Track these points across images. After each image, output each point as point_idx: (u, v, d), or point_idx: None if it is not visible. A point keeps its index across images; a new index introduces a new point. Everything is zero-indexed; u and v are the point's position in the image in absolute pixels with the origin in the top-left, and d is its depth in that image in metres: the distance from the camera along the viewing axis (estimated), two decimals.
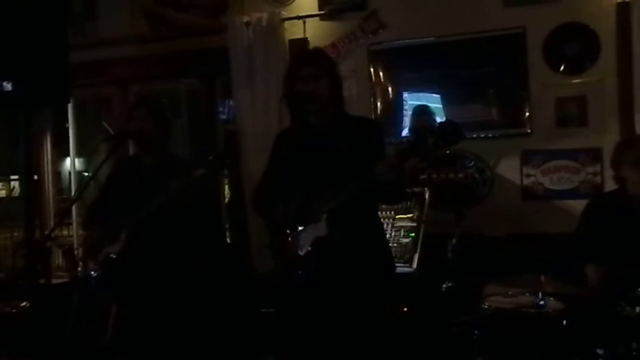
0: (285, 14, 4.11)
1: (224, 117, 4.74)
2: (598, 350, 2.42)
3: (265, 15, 4.08)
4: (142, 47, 4.50)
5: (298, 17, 4.09)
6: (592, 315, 2.57)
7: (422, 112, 4.01)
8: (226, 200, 4.83)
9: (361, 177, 2.30)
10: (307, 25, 4.09)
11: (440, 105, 3.96)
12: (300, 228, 2.43)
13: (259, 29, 4.09)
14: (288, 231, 2.46)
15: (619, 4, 3.56)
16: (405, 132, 4.05)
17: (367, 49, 4.06)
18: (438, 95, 3.97)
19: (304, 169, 2.46)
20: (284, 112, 2.51)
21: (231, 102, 4.40)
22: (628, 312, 2.40)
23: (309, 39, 4.09)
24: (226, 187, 4.83)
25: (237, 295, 3.75)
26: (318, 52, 2.86)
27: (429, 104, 4.00)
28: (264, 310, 3.49)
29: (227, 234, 4.68)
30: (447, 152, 3.69)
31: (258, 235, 4.06)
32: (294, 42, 4.10)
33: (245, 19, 4.12)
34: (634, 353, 2.36)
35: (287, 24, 4.11)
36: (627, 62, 3.54)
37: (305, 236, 2.42)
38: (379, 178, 2.23)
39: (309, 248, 2.40)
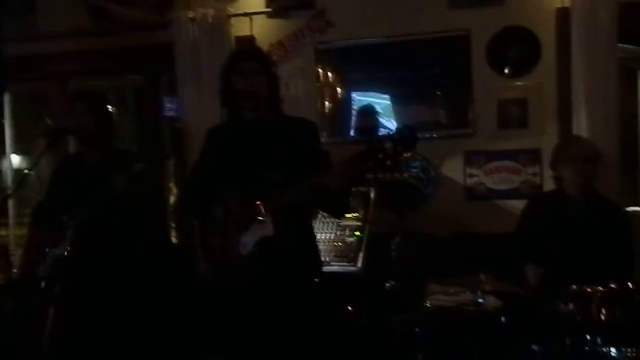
0: (231, 10, 4.05)
1: (170, 114, 4.65)
2: (533, 346, 2.48)
3: (211, 11, 4.02)
4: (83, 41, 4.37)
5: (245, 14, 4.04)
6: (529, 312, 2.64)
7: (367, 112, 4.04)
8: (172, 199, 4.74)
9: (312, 180, 2.28)
10: (254, 22, 4.05)
11: (389, 105, 3.98)
12: (242, 228, 2.39)
13: (205, 25, 4.02)
14: (228, 231, 2.41)
15: (558, 9, 3.67)
16: (352, 132, 4.06)
17: (315, 47, 4.05)
18: (386, 96, 3.99)
19: (238, 167, 2.43)
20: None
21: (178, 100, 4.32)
22: (562, 309, 2.47)
23: (255, 36, 4.06)
24: (172, 185, 4.75)
25: (182, 296, 3.68)
26: (257, 49, 2.86)
27: (376, 104, 4.02)
28: (207, 311, 3.44)
29: (173, 233, 4.60)
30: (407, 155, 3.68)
31: None
32: (241, 40, 4.05)
33: (191, 14, 4.05)
34: (567, 349, 2.43)
35: (233, 20, 4.06)
36: (566, 66, 3.64)
37: (249, 236, 2.38)
38: (332, 183, 2.21)
39: (253, 248, 2.37)
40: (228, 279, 2.47)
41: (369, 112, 4.02)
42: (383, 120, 3.99)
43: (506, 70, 3.80)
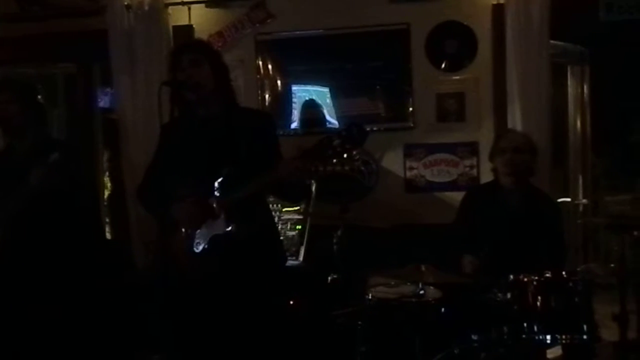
0: None
1: (104, 104, 4.49)
2: (473, 336, 2.53)
3: None
4: (10, 27, 4.14)
5: (183, 3, 3.94)
6: (468, 302, 2.69)
7: (310, 106, 4.02)
8: (106, 193, 4.59)
9: (264, 176, 2.26)
10: (192, 12, 3.95)
11: (329, 98, 3.97)
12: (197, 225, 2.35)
13: (141, 13, 3.88)
14: (183, 227, 2.36)
15: (494, 5, 3.75)
16: (294, 125, 4.03)
17: (255, 39, 3.99)
18: (326, 88, 3.98)
19: (196, 162, 2.37)
20: (164, 101, 2.39)
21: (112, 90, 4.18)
22: (500, 298, 2.53)
23: (194, 26, 3.96)
24: (107, 179, 4.59)
25: (116, 293, 3.56)
26: (198, 40, 2.79)
27: (318, 97, 4.00)
28: (145, 308, 3.34)
29: (107, 229, 4.45)
30: (355, 152, 3.69)
31: (140, 230, 3.89)
32: (178, 29, 3.95)
33: (126, 1, 3.90)
34: (505, 337, 2.49)
35: (171, 9, 3.95)
36: (501, 61, 3.73)
37: (202, 233, 2.34)
38: (283, 178, 2.22)
39: (206, 245, 2.33)
40: (182, 276, 2.39)
41: (311, 106, 4.01)
42: (326, 113, 3.98)
43: (444, 65, 3.86)
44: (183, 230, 2.36)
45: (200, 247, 2.33)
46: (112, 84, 4.09)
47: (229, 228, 2.31)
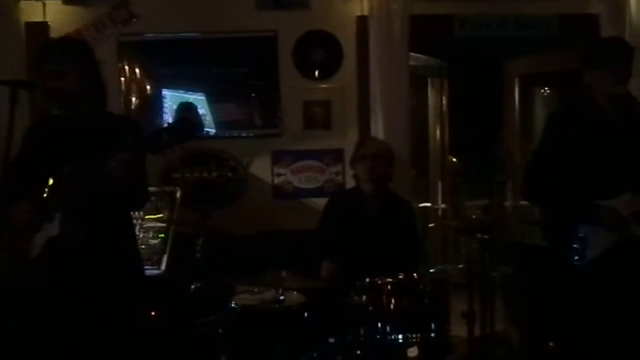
0: None
1: None
2: (330, 339, 2.57)
3: None
4: None
5: None
6: (327, 306, 2.74)
7: (185, 109, 3.90)
8: None
9: (94, 171, 2.15)
10: (47, 8, 3.74)
11: (201, 102, 3.89)
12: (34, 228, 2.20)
13: None
14: (20, 231, 2.21)
15: (358, 17, 3.86)
16: None
17: (117, 40, 3.84)
18: (199, 94, 3.88)
19: (49, 163, 2.24)
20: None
21: None
22: (356, 301, 2.59)
23: (49, 23, 3.74)
24: None
25: None
26: (62, 44, 2.47)
27: (192, 101, 3.91)
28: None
29: None
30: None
31: None
32: (32, 26, 3.71)
33: None
34: (361, 338, 2.55)
35: (23, 4, 3.70)
36: (365, 71, 3.85)
37: (39, 236, 2.20)
38: (112, 173, 2.11)
39: (40, 250, 2.18)
40: (17, 283, 2.25)
41: (187, 109, 3.88)
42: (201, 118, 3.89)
43: (310, 73, 3.91)
44: (20, 234, 2.22)
45: (35, 252, 2.18)
46: None
47: (62, 231, 2.16)
